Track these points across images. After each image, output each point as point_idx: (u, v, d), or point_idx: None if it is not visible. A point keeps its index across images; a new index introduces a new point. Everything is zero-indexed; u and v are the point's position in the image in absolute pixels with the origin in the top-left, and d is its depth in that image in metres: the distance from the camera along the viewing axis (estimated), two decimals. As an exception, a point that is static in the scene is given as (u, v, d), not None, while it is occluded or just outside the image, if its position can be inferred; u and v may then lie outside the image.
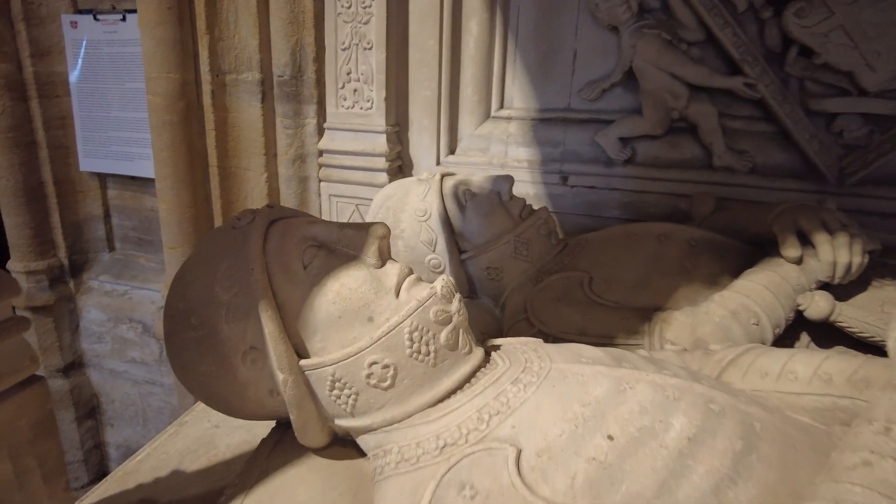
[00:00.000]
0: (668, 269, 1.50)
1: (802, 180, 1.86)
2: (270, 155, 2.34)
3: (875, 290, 1.40)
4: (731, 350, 1.07)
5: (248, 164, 2.35)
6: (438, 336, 0.90)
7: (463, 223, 1.61)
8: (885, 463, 0.67)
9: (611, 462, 0.76)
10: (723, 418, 0.82)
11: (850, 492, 0.65)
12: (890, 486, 0.64)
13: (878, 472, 0.66)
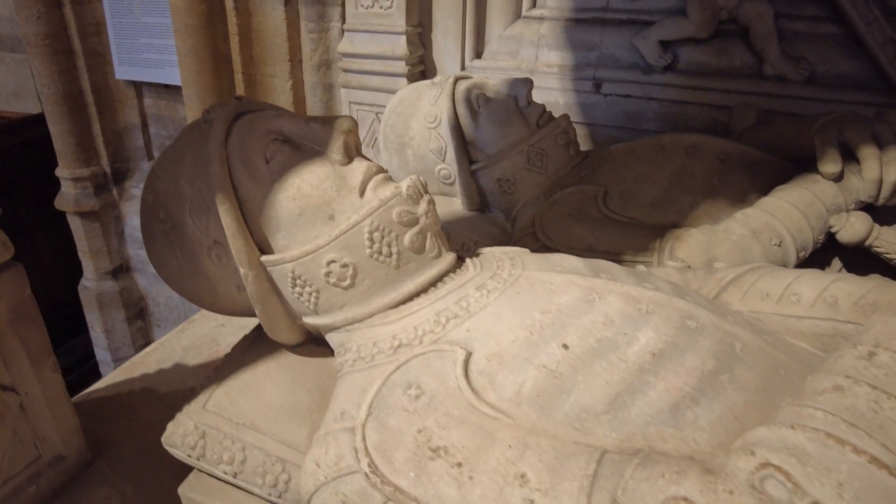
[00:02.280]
0: (693, 185, 1.38)
1: (869, 92, 1.64)
2: (296, 61, 2.28)
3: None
4: (735, 269, 0.97)
5: (273, 70, 2.30)
6: (402, 238, 0.85)
7: (475, 130, 1.52)
8: (858, 388, 0.59)
9: (562, 372, 0.71)
10: (699, 336, 0.75)
11: (811, 417, 0.57)
12: (857, 415, 0.56)
13: (847, 398, 0.58)
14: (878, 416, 0.56)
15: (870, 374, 0.60)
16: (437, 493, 0.64)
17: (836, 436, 0.55)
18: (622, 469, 0.61)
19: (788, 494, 0.53)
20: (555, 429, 0.68)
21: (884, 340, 0.62)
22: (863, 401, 0.57)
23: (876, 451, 0.54)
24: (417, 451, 0.68)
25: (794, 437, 0.56)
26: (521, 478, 0.63)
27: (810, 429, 0.56)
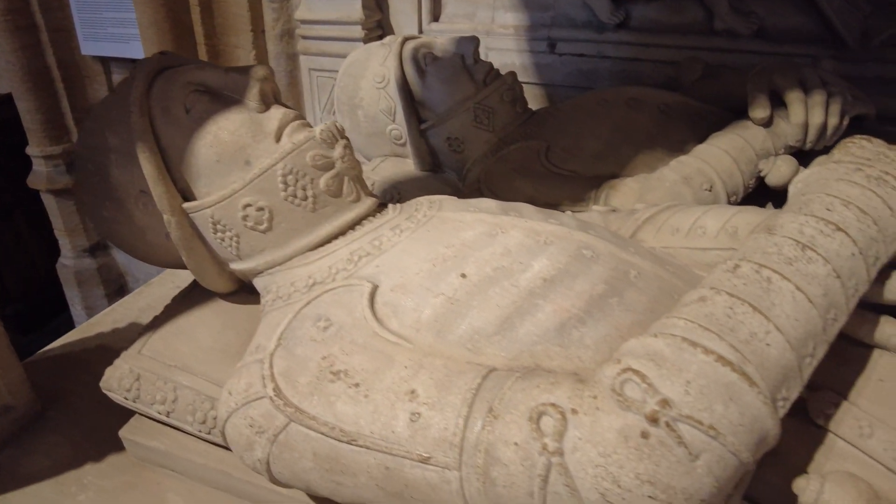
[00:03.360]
0: (633, 137, 1.40)
1: (816, 45, 1.66)
2: (258, 31, 2.28)
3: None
4: (651, 208, 1.00)
5: (236, 41, 2.30)
6: (317, 181, 0.88)
7: (423, 89, 1.53)
8: (718, 297, 0.62)
9: (459, 298, 0.75)
10: (593, 264, 0.78)
11: (673, 325, 0.61)
12: (713, 320, 0.60)
13: (707, 306, 0.62)
14: (730, 321, 0.59)
15: (730, 284, 0.63)
16: (334, 412, 0.68)
17: (690, 339, 0.58)
18: (503, 382, 0.65)
19: (642, 394, 0.56)
20: (450, 350, 0.72)
21: (749, 254, 0.66)
22: (720, 308, 0.61)
23: (723, 351, 0.57)
24: (320, 375, 0.71)
25: (654, 343, 0.60)
26: (411, 393, 0.66)
27: (669, 335, 0.60)
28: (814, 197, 0.69)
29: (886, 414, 0.65)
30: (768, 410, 0.56)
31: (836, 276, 0.62)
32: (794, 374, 0.59)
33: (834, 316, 0.61)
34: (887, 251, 0.65)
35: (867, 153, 0.73)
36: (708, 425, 0.54)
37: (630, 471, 0.55)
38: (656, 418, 0.55)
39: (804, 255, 0.63)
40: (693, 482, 0.54)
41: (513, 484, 0.59)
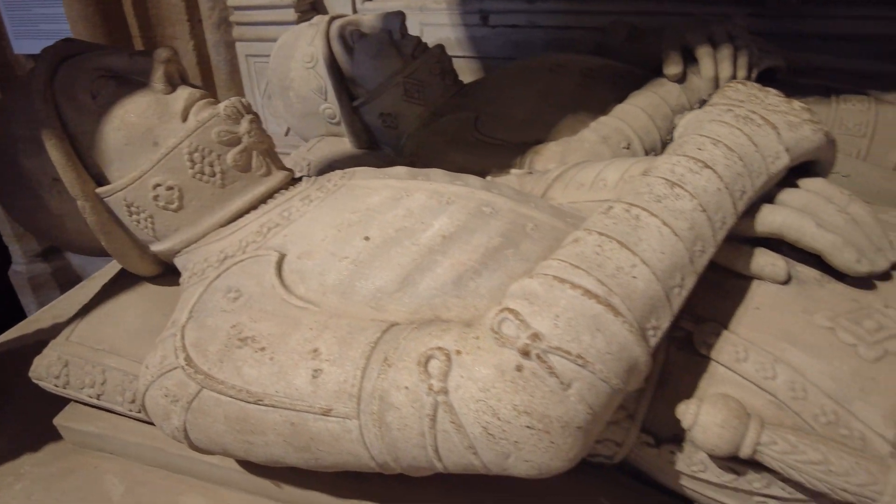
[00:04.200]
0: (557, 102, 1.43)
1: (739, 4, 1.70)
2: (195, 20, 2.25)
3: (768, 107, 1.31)
4: (560, 167, 1.03)
5: (173, 32, 2.27)
6: (224, 157, 0.89)
7: (352, 67, 1.54)
8: (589, 237, 0.65)
9: (362, 260, 0.77)
10: (491, 219, 0.81)
11: (548, 266, 0.64)
12: (583, 258, 0.63)
13: (578, 246, 0.65)
14: (598, 257, 0.63)
15: (602, 224, 0.66)
16: (241, 375, 0.70)
17: (560, 277, 0.62)
18: (399, 334, 0.67)
19: (516, 330, 0.60)
20: (355, 310, 0.74)
21: (623, 196, 0.69)
22: (590, 247, 0.64)
23: (590, 285, 0.60)
24: (228, 342, 0.73)
25: (530, 284, 0.63)
26: (314, 352, 0.69)
27: (542, 275, 0.63)
28: (688, 138, 0.73)
29: (760, 338, 0.70)
30: (635, 338, 0.59)
31: (702, 209, 0.65)
32: (663, 303, 0.62)
33: (701, 248, 0.65)
34: (753, 185, 0.69)
35: (741, 95, 0.77)
36: (576, 355, 0.58)
37: (507, 403, 0.58)
38: (528, 351, 0.58)
39: (672, 193, 0.66)
40: (567, 410, 0.58)
41: (405, 426, 0.62)
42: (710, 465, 0.71)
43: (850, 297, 0.70)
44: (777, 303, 0.72)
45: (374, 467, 0.68)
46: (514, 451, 0.59)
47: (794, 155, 0.71)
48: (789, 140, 0.71)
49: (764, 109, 0.73)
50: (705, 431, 0.65)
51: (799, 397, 0.66)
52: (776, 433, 0.63)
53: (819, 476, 0.61)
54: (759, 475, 0.69)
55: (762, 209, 0.72)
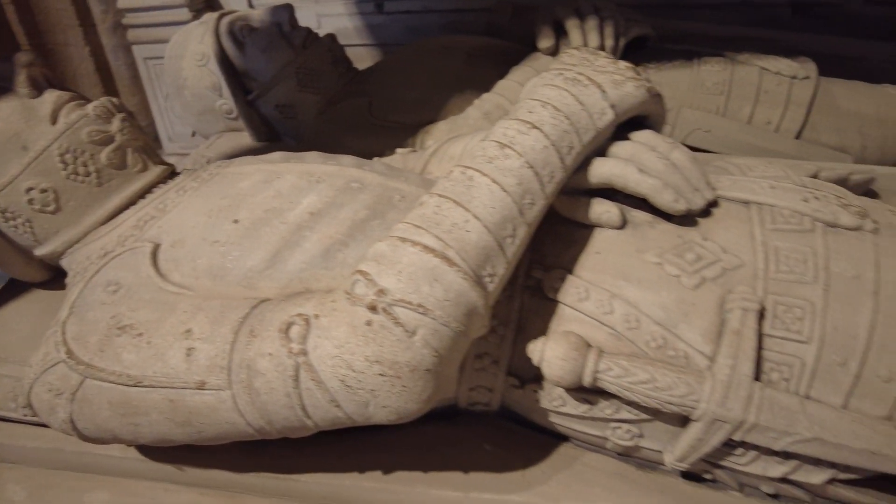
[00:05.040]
0: (445, 83, 1.48)
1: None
2: (88, 25, 2.20)
3: (638, 73, 1.39)
4: (437, 143, 1.09)
5: (65, 38, 2.21)
6: (98, 156, 0.91)
7: (244, 61, 1.55)
8: (430, 199, 0.71)
9: (232, 242, 0.80)
10: (359, 194, 0.85)
11: (395, 229, 0.69)
12: (424, 219, 0.68)
13: (422, 208, 0.70)
14: (436, 216, 0.68)
15: (442, 187, 0.72)
16: (120, 361, 0.72)
17: (403, 237, 0.67)
18: (267, 307, 0.71)
19: (365, 289, 0.65)
20: (228, 291, 0.78)
21: (462, 160, 0.74)
22: (430, 208, 0.69)
23: (428, 242, 0.66)
24: (108, 332, 0.75)
25: (379, 246, 0.68)
26: (187, 332, 0.72)
27: (389, 237, 0.68)
28: (523, 103, 0.79)
29: (599, 278, 0.77)
30: (470, 285, 0.65)
31: (529, 166, 0.71)
32: (496, 252, 0.68)
33: (531, 200, 0.71)
34: (582, 140, 0.76)
35: (573, 60, 0.84)
36: (417, 304, 0.63)
37: (360, 355, 0.63)
38: (375, 306, 0.63)
39: (502, 153, 0.72)
40: (414, 355, 0.63)
41: (272, 389, 0.66)
42: (568, 398, 0.78)
43: (675, 234, 0.78)
44: (614, 246, 0.79)
45: (253, 433, 0.72)
46: (372, 398, 0.64)
47: (620, 110, 0.78)
48: (614, 97, 0.78)
49: (592, 71, 0.80)
50: (550, 365, 0.71)
51: (633, 327, 0.73)
52: (611, 360, 0.70)
53: (648, 393, 0.69)
54: (608, 402, 0.76)
55: (593, 162, 0.79)
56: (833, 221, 0.75)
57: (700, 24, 1.54)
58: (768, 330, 0.70)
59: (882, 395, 0.69)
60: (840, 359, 0.69)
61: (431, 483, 0.85)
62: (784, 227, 0.76)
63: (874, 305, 0.70)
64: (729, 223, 0.78)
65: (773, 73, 1.32)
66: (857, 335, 0.69)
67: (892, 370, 0.68)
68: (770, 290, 0.72)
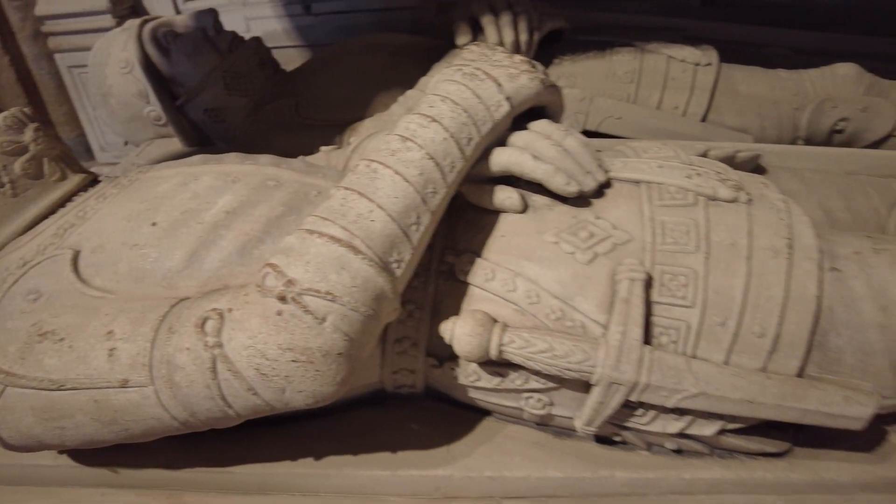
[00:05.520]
0: (371, 80, 1.52)
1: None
2: (6, 34, 2.14)
3: (555, 67, 1.46)
4: (359, 139, 1.12)
5: (-17, 49, 2.15)
6: (12, 167, 0.91)
7: (170, 67, 1.55)
8: (337, 192, 0.75)
9: (151, 245, 0.82)
10: (275, 191, 0.88)
11: (304, 223, 0.72)
12: (331, 211, 0.72)
13: (330, 201, 0.74)
14: (343, 208, 0.72)
15: (348, 180, 0.75)
16: (42, 367, 0.74)
17: (311, 229, 0.71)
18: (185, 305, 0.74)
19: (275, 280, 0.68)
20: (148, 292, 0.80)
21: (367, 154, 0.79)
22: (337, 200, 0.73)
23: (334, 232, 0.70)
24: (29, 340, 0.76)
25: (289, 240, 0.71)
26: (108, 334, 0.74)
27: (298, 230, 0.72)
28: (425, 98, 0.83)
29: (504, 259, 0.82)
30: (376, 271, 0.69)
31: (430, 157, 0.76)
32: (402, 239, 0.73)
33: (433, 189, 0.76)
34: (480, 132, 0.81)
35: (473, 56, 0.89)
36: (325, 292, 0.67)
37: (273, 344, 0.66)
38: (284, 296, 0.67)
39: (404, 146, 0.76)
40: (325, 340, 0.67)
41: (192, 382, 0.69)
42: (481, 372, 0.83)
43: (571, 215, 0.84)
44: (517, 228, 0.84)
45: (179, 426, 0.74)
46: (287, 384, 0.68)
47: (516, 102, 0.84)
48: (509, 90, 0.83)
49: (488, 66, 0.85)
50: (459, 341, 0.76)
51: (534, 302, 0.79)
52: (514, 333, 0.76)
53: (548, 361, 0.74)
54: (517, 374, 0.82)
55: (493, 151, 0.84)
56: (713, 195, 0.82)
57: (614, 14, 1.61)
58: (656, 297, 0.77)
59: (756, 349, 0.76)
60: (720, 319, 0.76)
61: (361, 465, 0.89)
62: (670, 202, 0.82)
63: (748, 269, 0.77)
64: (620, 202, 0.84)
65: (679, 60, 1.40)
66: (734, 297, 0.76)
67: (763, 326, 0.76)
68: (657, 260, 0.79)
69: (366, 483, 0.89)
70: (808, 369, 0.78)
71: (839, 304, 0.78)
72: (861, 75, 1.38)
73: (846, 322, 0.78)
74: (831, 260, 0.80)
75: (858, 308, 0.78)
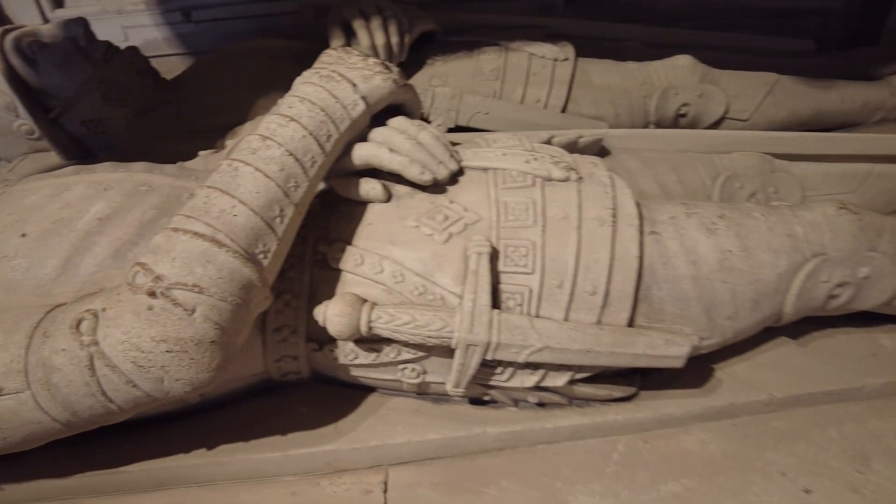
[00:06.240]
0: (251, 85, 1.55)
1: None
2: None
3: (428, 67, 1.55)
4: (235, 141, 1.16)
5: None
6: None
7: (40, 79, 1.51)
8: (201, 191, 0.80)
9: (22, 255, 0.84)
10: (148, 196, 0.91)
11: (170, 222, 0.77)
12: (195, 209, 0.77)
13: (194, 200, 0.79)
14: (206, 206, 0.77)
15: (211, 179, 0.81)
16: None
17: (176, 227, 0.75)
18: (60, 310, 0.76)
19: (144, 278, 0.72)
20: (23, 301, 0.81)
21: (231, 154, 0.84)
22: (200, 199, 0.78)
23: (198, 228, 0.75)
24: None
25: (156, 239, 0.76)
26: None
27: (164, 230, 0.76)
28: (284, 100, 0.90)
29: (371, 245, 0.90)
30: (241, 262, 0.75)
31: (289, 154, 0.82)
32: (266, 231, 0.79)
33: (295, 183, 0.82)
34: (339, 129, 0.88)
35: (331, 59, 0.96)
36: (192, 284, 0.72)
37: (146, 337, 0.70)
38: (154, 292, 0.71)
39: (265, 145, 0.83)
40: (197, 330, 0.72)
41: (71, 382, 0.72)
42: (358, 350, 0.90)
43: (429, 201, 0.93)
44: (383, 216, 0.92)
45: (62, 428, 0.77)
46: (164, 374, 0.72)
47: (372, 101, 0.92)
48: (364, 90, 0.91)
49: (344, 68, 0.92)
50: (331, 322, 0.83)
51: (399, 281, 0.87)
52: (381, 310, 0.84)
53: (412, 331, 0.83)
54: (390, 347, 0.90)
55: (354, 147, 0.92)
56: (548, 176, 0.93)
57: (482, 15, 1.72)
58: (502, 267, 0.87)
59: (590, 305, 0.88)
60: (557, 282, 0.87)
61: (253, 449, 0.94)
62: (512, 185, 0.93)
63: (578, 237, 0.89)
64: (471, 187, 0.94)
65: (539, 57, 1.53)
66: (568, 262, 0.88)
67: (595, 285, 0.88)
68: (501, 236, 0.89)
69: (259, 466, 0.94)
70: (637, 320, 0.91)
71: (658, 262, 0.91)
72: (695, 65, 1.56)
73: (665, 277, 0.91)
74: (651, 224, 0.94)
75: (674, 264, 0.91)
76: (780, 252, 0.94)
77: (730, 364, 1.06)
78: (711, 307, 0.92)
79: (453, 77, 1.51)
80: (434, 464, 0.97)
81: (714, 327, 0.93)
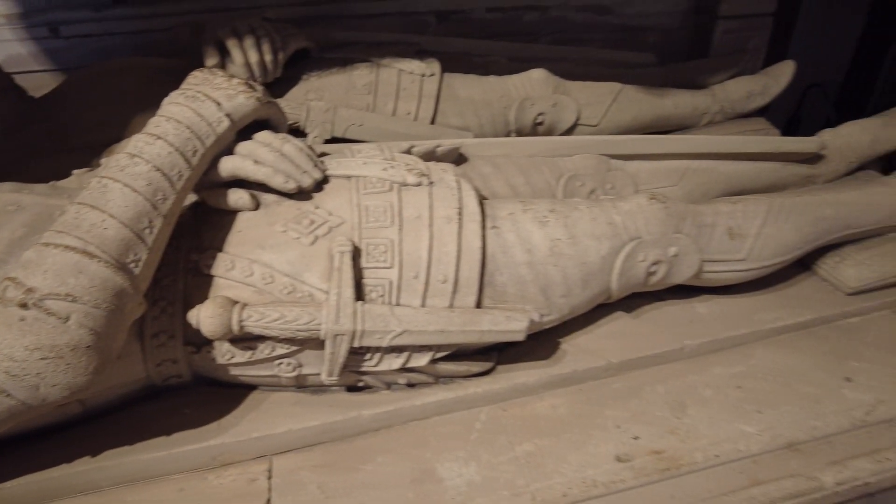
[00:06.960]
0: (126, 103, 1.56)
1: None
2: None
3: (303, 82, 1.64)
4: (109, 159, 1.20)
5: None
6: None
7: None
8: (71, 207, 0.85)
9: None
10: (16, 215, 0.94)
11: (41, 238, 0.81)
12: (66, 224, 0.82)
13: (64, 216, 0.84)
14: (76, 220, 0.82)
15: (81, 196, 0.86)
16: None
17: (47, 242, 0.80)
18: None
19: (15, 291, 0.76)
20: None
21: (101, 172, 0.90)
22: (71, 215, 0.83)
23: (68, 242, 0.80)
24: None
25: (27, 254, 0.80)
26: None
27: (35, 245, 0.80)
28: (152, 119, 0.97)
29: (241, 250, 0.98)
30: (113, 271, 0.81)
31: (157, 169, 0.89)
32: (136, 242, 0.85)
33: (163, 196, 0.89)
34: (205, 144, 0.95)
35: (197, 80, 1.03)
36: (65, 294, 0.77)
37: (19, 346, 0.74)
38: (25, 303, 0.75)
39: (132, 162, 0.89)
40: (72, 337, 0.77)
41: (-61, 397, 0.75)
42: (234, 350, 0.98)
43: (296, 207, 1.02)
44: (252, 223, 1.01)
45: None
46: (40, 381, 0.77)
47: (237, 117, 1.00)
48: (228, 108, 0.99)
49: (209, 88, 1.00)
50: (204, 323, 0.90)
51: (269, 282, 0.96)
52: (251, 309, 0.92)
53: (282, 327, 0.92)
54: (265, 344, 0.98)
55: (221, 160, 1.00)
56: (403, 181, 1.05)
57: (355, 32, 1.83)
58: (364, 264, 0.98)
59: (443, 292, 1.01)
60: (414, 273, 0.99)
61: (138, 452, 0.99)
62: (372, 190, 1.05)
63: (430, 234, 1.01)
64: (335, 193, 1.05)
65: (409, 73, 1.66)
66: (422, 256, 1.00)
67: (445, 274, 1.01)
68: (363, 236, 1.00)
69: (145, 467, 0.99)
70: (484, 303, 1.05)
71: (499, 252, 1.06)
72: (548, 77, 1.75)
73: (505, 264, 1.06)
74: (493, 220, 1.08)
75: (512, 253, 1.06)
76: (602, 238, 1.11)
77: (573, 336, 1.23)
78: (547, 288, 1.08)
79: (328, 91, 1.61)
80: (315, 449, 1.06)
81: (551, 305, 1.09)
